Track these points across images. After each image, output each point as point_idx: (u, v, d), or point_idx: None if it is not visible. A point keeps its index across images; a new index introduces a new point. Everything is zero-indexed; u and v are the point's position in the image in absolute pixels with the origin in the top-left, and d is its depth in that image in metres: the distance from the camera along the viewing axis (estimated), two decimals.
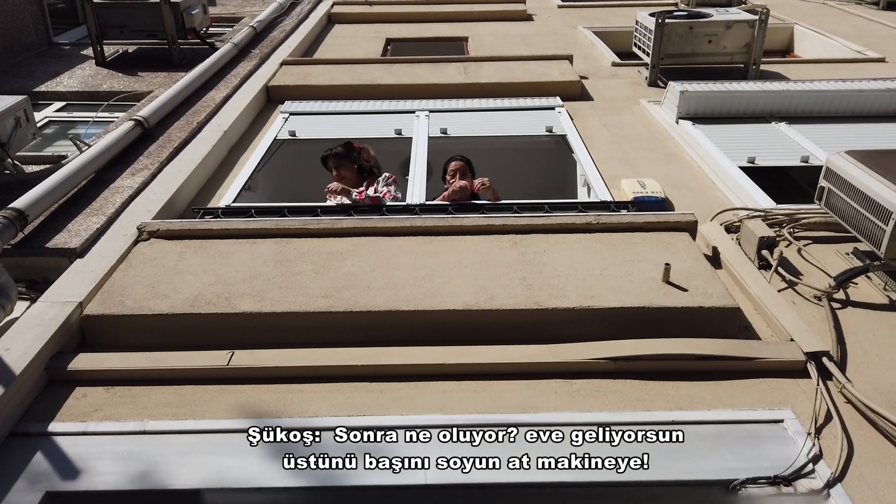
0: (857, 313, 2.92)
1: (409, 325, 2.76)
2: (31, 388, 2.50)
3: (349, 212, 3.59)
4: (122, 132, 4.44)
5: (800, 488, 2.08)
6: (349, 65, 6.40)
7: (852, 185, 3.05)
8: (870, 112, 5.03)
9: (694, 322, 2.72)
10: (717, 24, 6.04)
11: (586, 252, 3.12)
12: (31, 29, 7.31)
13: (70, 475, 2.18)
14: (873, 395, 2.43)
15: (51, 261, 3.26)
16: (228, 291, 2.87)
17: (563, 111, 5.34)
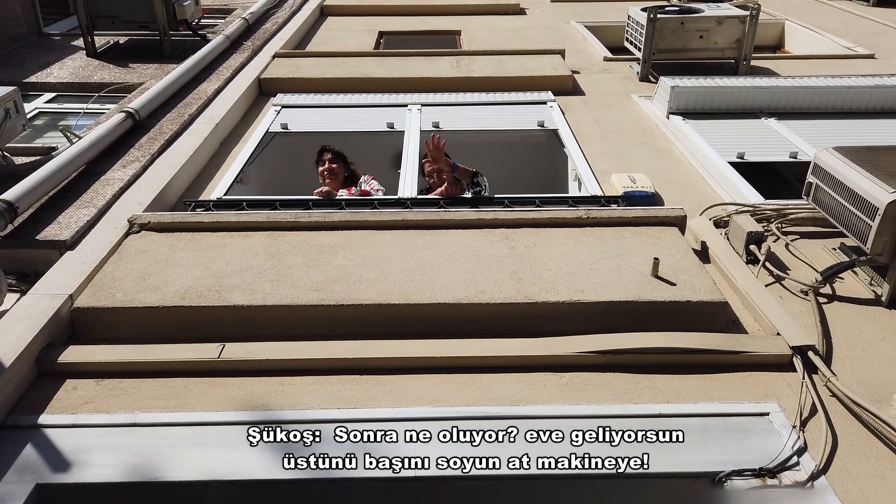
0: (843, 308, 2.95)
1: (400, 318, 2.78)
2: (22, 380, 2.51)
3: (341, 205, 3.60)
4: (113, 124, 4.42)
5: (784, 480, 2.11)
6: (342, 58, 6.38)
7: (839, 181, 3.08)
8: (858, 108, 5.07)
9: (682, 316, 2.75)
10: (708, 19, 6.06)
11: (576, 246, 3.14)
12: (20, 19, 7.25)
13: (60, 467, 2.18)
14: (858, 388, 2.46)
15: (41, 253, 3.25)
16: (219, 284, 2.87)
17: (554, 106, 5.35)
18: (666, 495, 2.20)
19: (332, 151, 4.34)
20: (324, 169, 4.28)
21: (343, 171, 4.34)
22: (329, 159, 4.29)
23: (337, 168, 4.29)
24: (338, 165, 4.30)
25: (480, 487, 2.20)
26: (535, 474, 2.15)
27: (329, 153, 4.33)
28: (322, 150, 4.37)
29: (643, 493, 2.21)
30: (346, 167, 4.38)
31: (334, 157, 4.32)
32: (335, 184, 4.26)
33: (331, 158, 4.30)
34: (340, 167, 4.32)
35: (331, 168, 4.27)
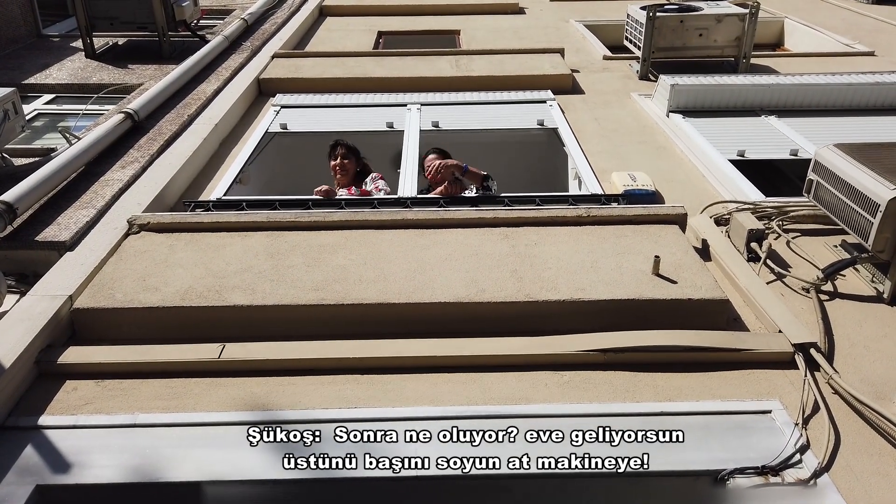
0: (844, 305, 2.95)
1: (401, 317, 2.77)
2: (21, 381, 2.50)
3: (340, 205, 3.59)
4: (112, 125, 4.42)
5: (787, 478, 2.10)
6: (341, 58, 6.37)
7: (840, 178, 3.07)
8: (859, 105, 5.06)
9: (683, 314, 2.74)
10: (707, 17, 6.05)
11: (577, 245, 3.13)
12: (19, 21, 7.25)
13: (60, 468, 2.17)
14: (860, 385, 2.45)
15: (40, 254, 3.25)
16: (219, 284, 2.87)
17: (554, 104, 5.34)
18: (668, 494, 2.19)
19: (345, 146, 4.34)
20: (335, 164, 4.28)
21: (355, 165, 4.35)
22: (342, 154, 4.30)
23: (349, 164, 4.30)
24: (349, 161, 4.31)
25: (480, 487, 2.19)
26: (535, 473, 2.14)
27: (342, 147, 4.33)
28: (335, 145, 4.37)
29: (645, 492, 2.20)
30: (358, 162, 4.38)
31: (347, 151, 4.32)
32: (346, 179, 4.27)
33: (343, 154, 4.30)
34: (352, 162, 4.33)
35: (342, 164, 4.28)
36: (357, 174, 4.36)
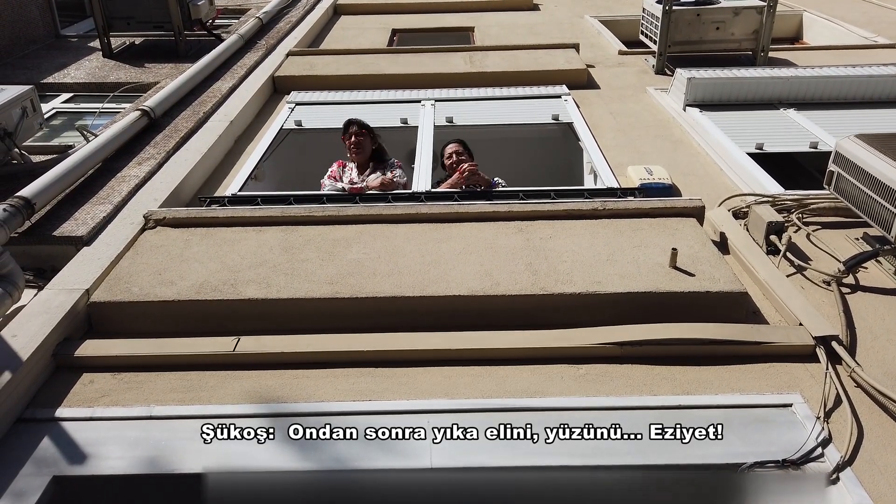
0: (866, 297, 2.89)
1: (415, 310, 2.76)
2: (39, 374, 2.52)
3: (355, 199, 3.58)
4: (129, 122, 4.44)
5: (809, 472, 2.06)
6: (355, 55, 6.38)
7: (863, 169, 3.01)
8: (880, 98, 4.97)
9: (701, 307, 2.70)
10: (724, 10, 5.97)
11: (593, 238, 3.10)
12: (38, 21, 7.32)
13: (77, 460, 2.19)
14: (883, 378, 2.40)
15: (58, 249, 3.27)
16: (234, 278, 2.87)
17: (569, 99, 5.30)
18: (688, 487, 2.16)
19: (358, 123, 4.31)
20: (350, 142, 4.27)
21: (371, 143, 4.32)
22: (355, 132, 4.27)
23: (364, 140, 4.27)
24: (364, 138, 4.28)
25: (497, 479, 2.17)
26: (552, 466, 2.12)
27: (355, 125, 4.30)
28: (348, 123, 4.34)
29: (664, 484, 2.17)
30: (373, 140, 4.35)
31: (360, 128, 4.29)
32: (362, 157, 4.24)
33: (356, 131, 4.27)
34: (367, 139, 4.30)
35: (357, 141, 4.25)
36: (373, 152, 4.32)
